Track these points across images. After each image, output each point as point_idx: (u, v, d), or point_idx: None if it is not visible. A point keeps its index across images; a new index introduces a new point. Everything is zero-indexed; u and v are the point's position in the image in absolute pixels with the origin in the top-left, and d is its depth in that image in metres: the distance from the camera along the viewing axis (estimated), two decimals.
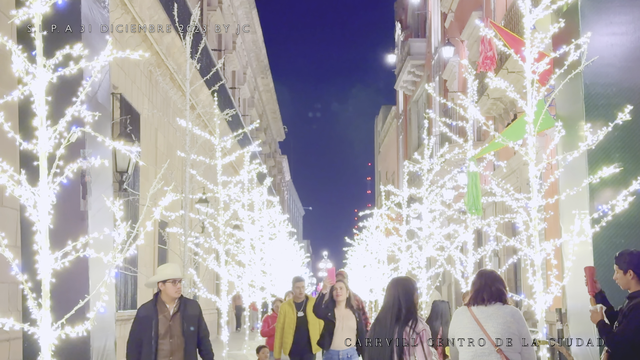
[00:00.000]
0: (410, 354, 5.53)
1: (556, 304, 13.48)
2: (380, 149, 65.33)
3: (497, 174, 17.29)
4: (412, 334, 5.54)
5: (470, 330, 5.56)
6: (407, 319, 5.61)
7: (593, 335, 8.36)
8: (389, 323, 5.64)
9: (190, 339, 7.27)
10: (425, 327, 5.60)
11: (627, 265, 6.16)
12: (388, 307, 5.75)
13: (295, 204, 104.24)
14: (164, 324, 7.24)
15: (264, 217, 17.99)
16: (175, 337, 7.23)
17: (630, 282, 6.14)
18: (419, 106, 41.94)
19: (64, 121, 4.56)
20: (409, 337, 5.54)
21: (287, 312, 10.96)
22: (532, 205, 8.33)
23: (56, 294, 4.83)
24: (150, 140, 18.45)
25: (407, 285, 5.83)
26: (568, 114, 9.15)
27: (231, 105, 26.86)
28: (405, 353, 5.53)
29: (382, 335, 5.66)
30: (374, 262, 25.43)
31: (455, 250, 12.62)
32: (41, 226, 4.42)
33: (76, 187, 7.63)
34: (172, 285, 7.23)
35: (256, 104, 48.30)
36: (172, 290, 7.21)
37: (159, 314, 7.27)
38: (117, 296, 14.95)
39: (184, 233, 11.13)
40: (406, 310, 5.65)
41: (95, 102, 8.29)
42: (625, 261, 6.19)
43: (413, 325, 5.57)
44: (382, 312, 5.82)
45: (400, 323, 5.59)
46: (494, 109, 21.11)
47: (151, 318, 7.26)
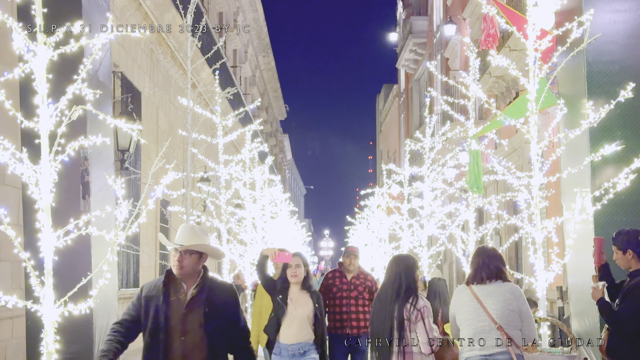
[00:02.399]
0: (411, 330, 5.55)
1: (557, 282, 13.52)
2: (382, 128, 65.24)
3: (498, 152, 17.27)
4: (412, 310, 5.56)
5: (471, 307, 5.58)
6: (408, 295, 5.63)
7: (594, 313, 8.39)
8: (390, 299, 5.67)
9: (215, 339, 4.92)
10: (427, 303, 5.63)
11: (625, 245, 6.18)
12: (389, 283, 5.78)
13: (296, 183, 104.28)
14: (177, 313, 4.92)
15: (265, 196, 17.98)
16: (190, 334, 4.90)
17: (630, 261, 6.16)
18: (421, 85, 41.81)
19: (65, 99, 4.55)
20: (409, 314, 5.56)
21: (264, 293, 8.31)
22: (533, 184, 8.32)
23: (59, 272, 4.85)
24: (151, 119, 18.43)
25: (409, 262, 5.86)
26: (570, 92, 9.11)
27: (232, 84, 26.79)
28: (405, 329, 5.55)
29: (382, 311, 5.70)
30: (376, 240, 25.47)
31: (456, 228, 12.62)
32: (43, 204, 4.42)
33: (78, 165, 7.63)
34: (173, 255, 4.99)
35: (257, 82, 48.17)
36: (173, 262, 4.99)
37: (170, 297, 4.96)
38: (120, 275, 15.00)
39: (186, 212, 11.13)
40: (407, 287, 5.67)
41: (97, 81, 8.27)
42: (623, 241, 6.21)
43: (414, 302, 5.60)
44: (383, 289, 5.86)
45: (401, 300, 5.61)
46: (496, 87, 21.06)
47: (156, 301, 4.98)
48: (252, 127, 13.27)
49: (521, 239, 9.98)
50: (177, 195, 11.27)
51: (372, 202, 25.43)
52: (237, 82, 33.14)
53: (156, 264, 18.92)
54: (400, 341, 5.53)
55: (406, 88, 47.43)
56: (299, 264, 6.98)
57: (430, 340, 5.52)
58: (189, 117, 11.32)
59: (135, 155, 15.39)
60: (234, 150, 23.57)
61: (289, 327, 6.77)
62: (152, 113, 18.67)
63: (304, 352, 6.73)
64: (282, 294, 6.88)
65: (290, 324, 6.78)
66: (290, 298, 6.85)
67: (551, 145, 9.71)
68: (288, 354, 6.73)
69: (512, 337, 5.42)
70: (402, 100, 49.34)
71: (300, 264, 6.99)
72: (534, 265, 8.28)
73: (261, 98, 32.37)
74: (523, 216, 8.76)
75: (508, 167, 9.08)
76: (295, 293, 6.91)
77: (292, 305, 6.82)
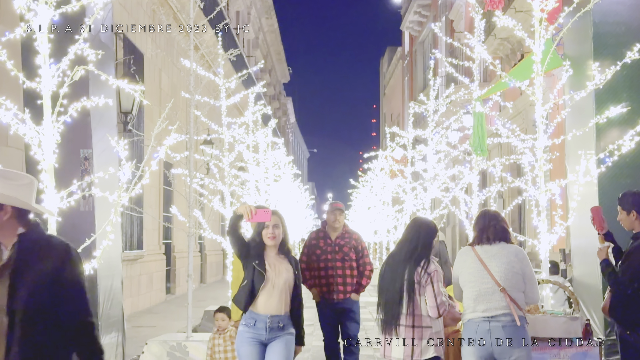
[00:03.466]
0: (420, 294, 5.56)
1: (560, 244, 13.55)
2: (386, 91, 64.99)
3: (503, 114, 17.20)
4: (423, 274, 5.55)
5: (474, 269, 5.58)
6: (420, 258, 5.61)
7: (596, 275, 8.41)
8: (402, 259, 5.65)
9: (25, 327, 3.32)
10: (437, 267, 5.61)
11: (630, 206, 6.18)
12: (406, 242, 5.73)
13: (300, 146, 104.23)
14: None
15: (268, 158, 17.97)
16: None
17: (634, 222, 6.16)
18: (425, 47, 41.54)
19: (67, 59, 4.52)
20: (420, 277, 5.55)
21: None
22: (538, 146, 8.29)
23: (62, 233, 4.86)
24: (154, 81, 18.36)
25: (430, 227, 5.82)
26: (576, 53, 9.04)
27: (235, 46, 26.63)
28: (415, 292, 5.55)
29: (393, 270, 5.69)
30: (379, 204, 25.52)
31: (460, 191, 12.62)
32: (46, 165, 4.41)
33: (81, 126, 7.61)
34: None
35: (260, 45, 47.87)
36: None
37: None
38: (123, 237, 15.06)
39: (189, 174, 11.12)
40: (422, 250, 5.65)
41: (98, 41, 8.21)
42: (628, 202, 6.21)
43: (425, 265, 5.58)
44: (398, 248, 5.81)
45: (413, 262, 5.60)
46: (501, 49, 20.91)
47: None
48: (255, 89, 13.19)
49: (524, 202, 9.99)
50: (180, 158, 11.25)
51: (376, 165, 25.43)
52: (240, 45, 32.94)
53: (160, 226, 18.99)
54: (409, 303, 5.54)
55: (410, 50, 47.14)
56: (277, 224, 5.91)
57: (438, 304, 5.52)
58: (192, 79, 11.27)
59: (138, 117, 15.36)
60: (237, 113, 23.51)
61: (270, 296, 5.71)
62: (155, 75, 18.58)
63: (283, 326, 5.76)
64: (258, 259, 5.79)
65: (270, 293, 5.72)
66: (268, 263, 5.80)
67: (556, 107, 9.66)
68: (265, 326, 5.69)
69: (515, 299, 5.43)
70: (406, 62, 49.07)
71: (279, 224, 5.93)
72: (537, 227, 8.29)
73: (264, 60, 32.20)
74: (527, 179, 8.75)
75: (512, 129, 9.03)
76: (272, 258, 5.86)
77: (272, 271, 5.78)
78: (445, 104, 14.65)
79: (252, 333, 5.72)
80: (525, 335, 5.39)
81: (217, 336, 7.84)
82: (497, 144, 13.23)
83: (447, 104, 14.80)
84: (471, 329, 5.46)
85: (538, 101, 8.26)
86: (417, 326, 5.56)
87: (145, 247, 17.55)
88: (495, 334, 5.35)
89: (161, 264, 19.74)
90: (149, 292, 18.23)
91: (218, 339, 7.81)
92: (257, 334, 5.71)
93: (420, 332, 5.55)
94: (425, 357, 5.52)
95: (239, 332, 5.81)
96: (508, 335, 5.33)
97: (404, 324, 5.54)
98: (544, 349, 6.23)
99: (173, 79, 20.42)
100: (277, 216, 5.92)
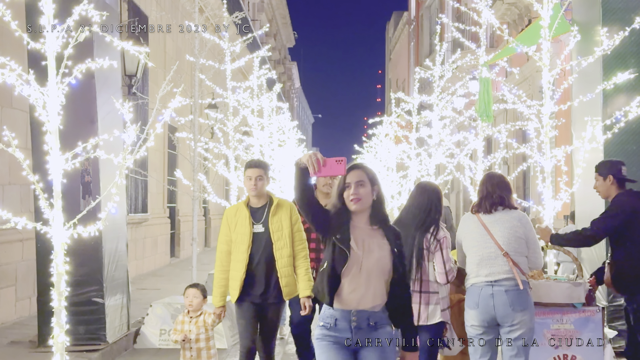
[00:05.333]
0: (429, 260, 5.56)
1: (564, 210, 13.55)
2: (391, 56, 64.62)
3: (509, 80, 17.10)
4: (432, 240, 5.55)
5: (477, 234, 5.59)
6: (430, 225, 5.59)
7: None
8: (414, 225, 5.61)
9: None
10: (446, 234, 5.60)
11: (607, 171, 6.28)
12: (413, 208, 5.68)
13: (304, 111, 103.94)
14: None
15: (273, 123, 17.91)
16: None
17: (610, 187, 6.25)
18: (432, 12, 41.20)
19: (71, 20, 4.48)
20: (429, 243, 5.55)
21: (230, 222, 6.04)
22: (544, 112, 8.25)
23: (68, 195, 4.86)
24: (158, 44, 18.26)
25: (439, 193, 5.80)
26: (584, 19, 8.95)
27: (240, 9, 26.43)
28: (424, 258, 5.55)
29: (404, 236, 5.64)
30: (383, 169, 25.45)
31: (464, 157, 12.60)
32: (51, 126, 4.40)
33: (85, 88, 7.59)
34: None
35: (266, 8, 47.52)
36: None
37: None
38: (128, 200, 15.10)
39: (194, 138, 11.12)
40: (434, 216, 5.63)
41: (103, 3, 8.16)
42: (606, 167, 6.32)
43: (434, 232, 5.57)
44: (408, 213, 5.73)
45: (423, 228, 5.58)
46: (508, 14, 20.74)
47: None
48: (260, 52, 13.12)
49: (529, 168, 9.96)
50: (185, 122, 11.24)
51: (381, 131, 25.34)
52: (245, 8, 32.69)
53: (164, 189, 19.03)
54: (417, 269, 5.54)
55: (416, 15, 46.76)
56: (362, 180, 4.10)
57: (447, 270, 5.52)
58: (197, 41, 11.21)
59: (143, 80, 15.30)
60: (241, 77, 23.41)
61: (357, 284, 4.02)
62: (160, 38, 18.49)
63: (375, 324, 4.07)
64: (341, 232, 4.05)
65: (357, 281, 4.01)
66: (354, 238, 4.06)
67: (563, 73, 9.60)
68: (349, 326, 4.05)
69: (518, 263, 5.44)
70: (412, 27, 48.72)
71: (364, 180, 4.11)
72: (542, 194, 8.28)
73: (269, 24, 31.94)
74: (532, 145, 8.72)
75: (519, 95, 8.98)
76: (361, 230, 4.12)
77: (360, 249, 4.05)
78: (452, 69, 14.57)
79: (333, 336, 4.10)
80: (528, 300, 5.41)
81: (187, 320, 6.31)
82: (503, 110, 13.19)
83: (453, 70, 14.72)
84: (474, 293, 5.49)
85: (545, 67, 8.19)
86: (424, 291, 5.57)
87: (150, 211, 17.61)
88: (498, 298, 5.37)
89: (166, 228, 19.82)
90: (154, 255, 18.34)
91: (189, 324, 6.27)
92: (340, 336, 4.09)
93: (427, 297, 5.57)
94: (432, 321, 5.55)
95: (317, 337, 4.19)
96: (511, 299, 5.35)
97: (412, 289, 5.55)
98: (547, 313, 6.26)
99: (177, 42, 20.32)
100: (361, 170, 4.15)
